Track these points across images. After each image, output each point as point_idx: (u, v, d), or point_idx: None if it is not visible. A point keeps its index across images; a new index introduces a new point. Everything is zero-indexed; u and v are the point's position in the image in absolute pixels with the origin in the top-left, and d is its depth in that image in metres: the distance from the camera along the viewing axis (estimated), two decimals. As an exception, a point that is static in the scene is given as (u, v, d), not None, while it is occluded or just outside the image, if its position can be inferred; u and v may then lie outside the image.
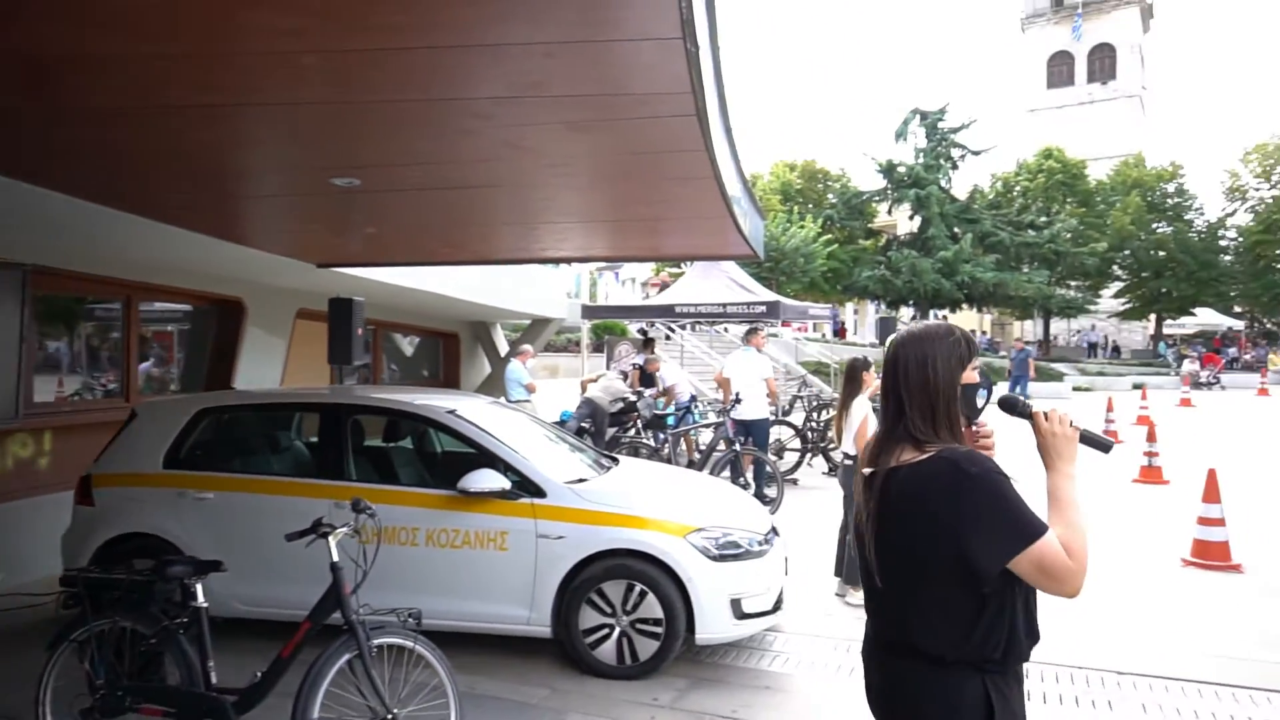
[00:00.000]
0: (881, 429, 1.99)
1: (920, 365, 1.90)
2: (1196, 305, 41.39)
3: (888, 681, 1.94)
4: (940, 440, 1.86)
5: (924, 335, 1.96)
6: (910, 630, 1.84)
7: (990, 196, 41.96)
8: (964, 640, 1.78)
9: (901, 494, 1.84)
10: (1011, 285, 33.82)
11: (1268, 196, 39.14)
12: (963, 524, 1.75)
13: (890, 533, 1.87)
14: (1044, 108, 55.78)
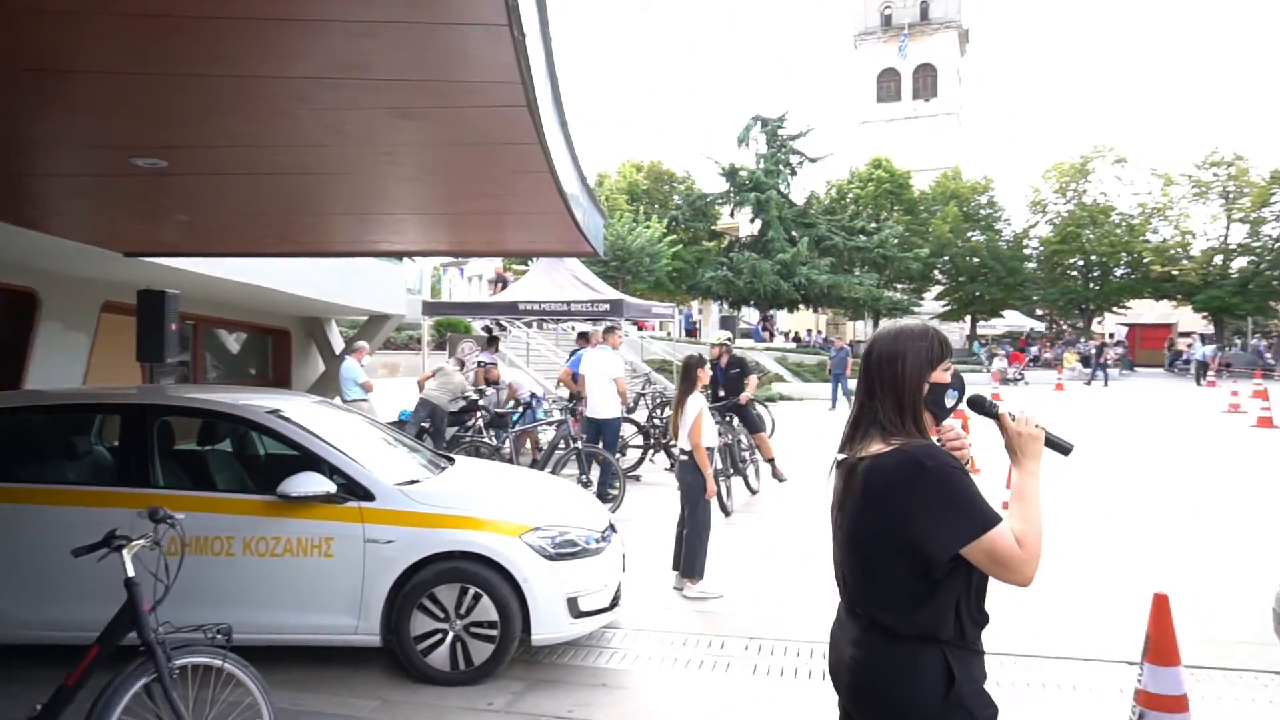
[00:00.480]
0: (851, 420, 2.08)
1: (891, 362, 1.99)
2: (1005, 308, 45.24)
3: (855, 654, 2.00)
4: (906, 434, 1.95)
5: (898, 334, 2.05)
6: (872, 606, 1.97)
7: (825, 202, 44.14)
8: (918, 618, 1.89)
9: (864, 483, 1.94)
10: (844, 287, 35.68)
11: (1064, 210, 43.20)
12: (915, 513, 1.85)
13: (852, 518, 1.98)
14: (874, 120, 59.25)
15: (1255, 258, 39.43)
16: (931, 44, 58.85)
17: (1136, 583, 6.09)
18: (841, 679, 2.06)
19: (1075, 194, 43.03)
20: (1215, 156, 39.80)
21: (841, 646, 2.08)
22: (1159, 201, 41.57)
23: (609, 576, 4.92)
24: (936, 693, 1.88)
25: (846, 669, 2.03)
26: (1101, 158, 42.23)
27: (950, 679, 1.87)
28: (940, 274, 44.40)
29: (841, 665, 2.06)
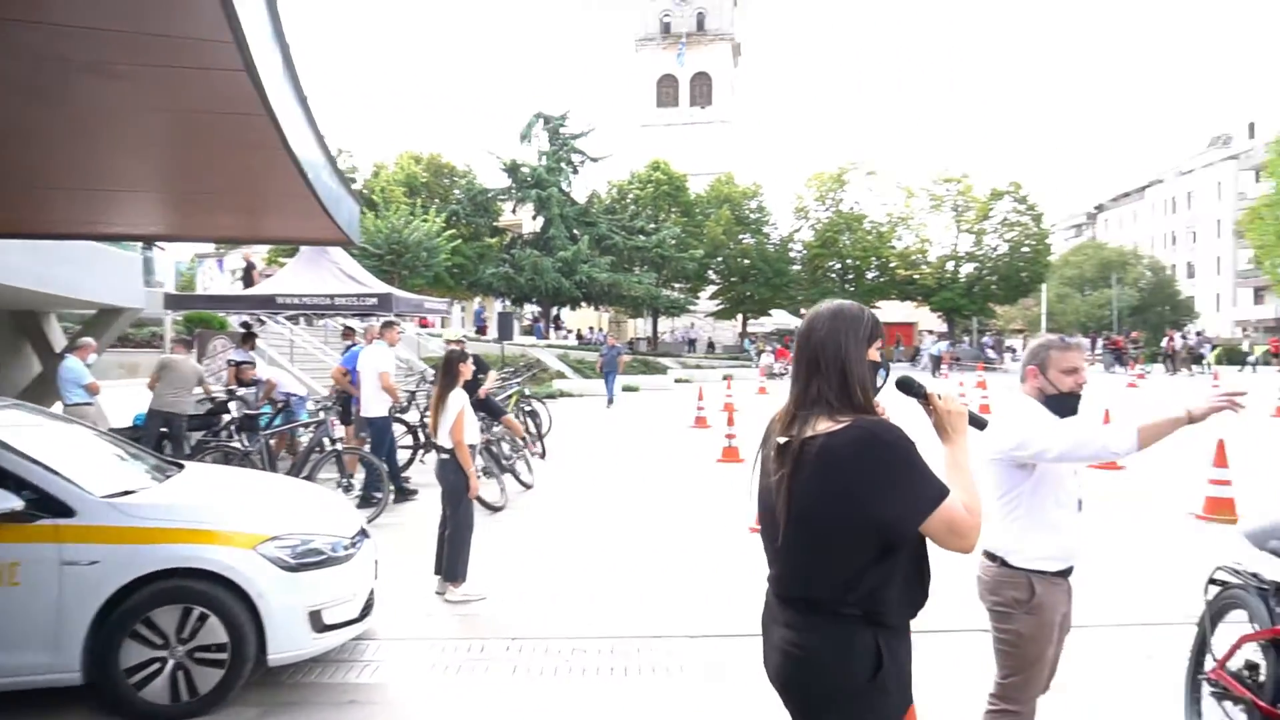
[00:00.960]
0: (792, 400, 2.07)
1: (835, 341, 2.01)
2: (773, 307, 48.17)
3: (789, 637, 2.01)
4: (854, 411, 1.96)
5: (838, 313, 2.06)
6: (812, 587, 1.97)
7: (607, 202, 44.88)
8: (861, 596, 1.92)
9: (817, 461, 1.92)
10: (624, 285, 36.43)
11: (823, 217, 46.68)
12: (878, 488, 1.88)
13: (802, 498, 1.95)
14: (654, 124, 60.95)
15: (979, 264, 44.72)
16: (707, 54, 61.45)
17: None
18: (772, 663, 2.08)
19: (833, 202, 46.63)
20: (947, 174, 44.71)
21: (772, 632, 2.09)
22: (903, 212, 46.04)
23: (359, 585, 4.61)
24: (864, 674, 1.92)
25: (778, 652, 2.04)
26: (855, 170, 46.09)
27: (878, 661, 1.91)
28: (714, 274, 46.51)
29: (773, 652, 2.07)
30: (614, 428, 16.96)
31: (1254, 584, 3.18)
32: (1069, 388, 3.00)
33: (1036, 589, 2.89)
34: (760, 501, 2.15)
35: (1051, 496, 2.92)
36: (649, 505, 9.21)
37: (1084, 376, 3.03)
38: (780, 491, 2.00)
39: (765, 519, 2.11)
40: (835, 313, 2.07)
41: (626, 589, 6.13)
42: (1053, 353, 3.02)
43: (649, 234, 40.56)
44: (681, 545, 7.42)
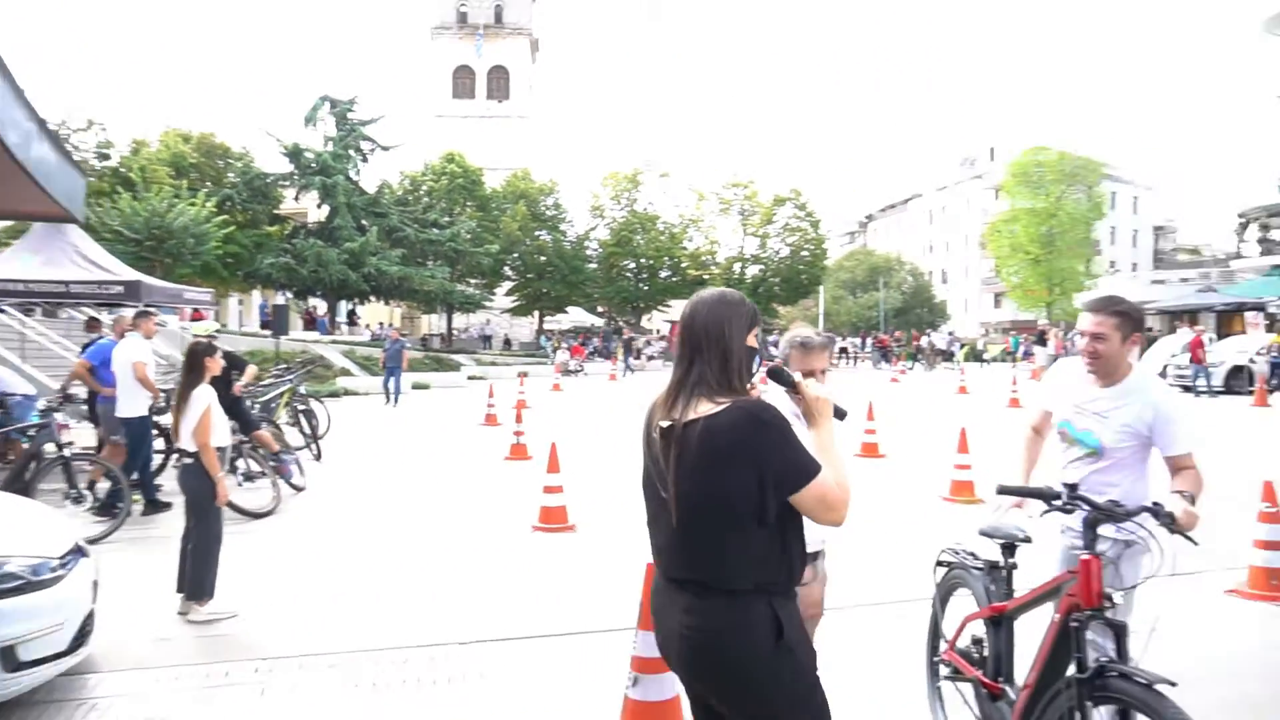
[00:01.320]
0: (674, 382, 2.11)
1: (718, 325, 2.09)
2: (570, 304, 48.44)
3: (689, 621, 2.04)
4: (733, 393, 2.05)
5: (722, 300, 2.15)
6: (708, 567, 2.03)
7: (399, 193, 43.22)
8: (756, 569, 2.01)
9: (702, 442, 1.99)
10: (416, 280, 35.20)
11: (619, 216, 47.48)
12: (761, 465, 1.97)
13: (691, 479, 2.01)
14: (450, 115, 59.52)
15: (764, 266, 47.26)
16: (505, 47, 60.79)
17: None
18: (674, 649, 2.10)
19: (628, 202, 47.53)
20: (735, 179, 46.87)
21: (668, 617, 2.12)
22: (694, 214, 47.73)
23: (70, 612, 4.02)
24: (767, 643, 2.00)
25: (679, 638, 2.07)
26: (649, 171, 47.29)
27: (779, 627, 2.00)
28: (510, 270, 46.05)
29: (673, 637, 2.10)
30: (399, 427, 16.27)
31: (972, 564, 3.40)
32: None
33: None
34: (645, 486, 2.20)
35: None
36: (432, 506, 8.84)
37: (824, 379, 3.14)
38: (668, 474, 2.05)
39: (652, 503, 2.18)
40: (719, 298, 2.15)
41: (405, 596, 5.80)
42: (794, 354, 3.09)
43: (443, 227, 39.43)
44: (465, 547, 7.15)
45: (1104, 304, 3.12)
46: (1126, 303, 3.12)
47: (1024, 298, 46.31)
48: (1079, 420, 3.16)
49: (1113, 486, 3.04)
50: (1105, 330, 3.04)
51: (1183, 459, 2.99)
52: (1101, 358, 3.05)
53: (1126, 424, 3.04)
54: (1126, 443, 3.05)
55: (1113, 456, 3.09)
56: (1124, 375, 3.09)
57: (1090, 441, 3.11)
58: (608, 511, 8.15)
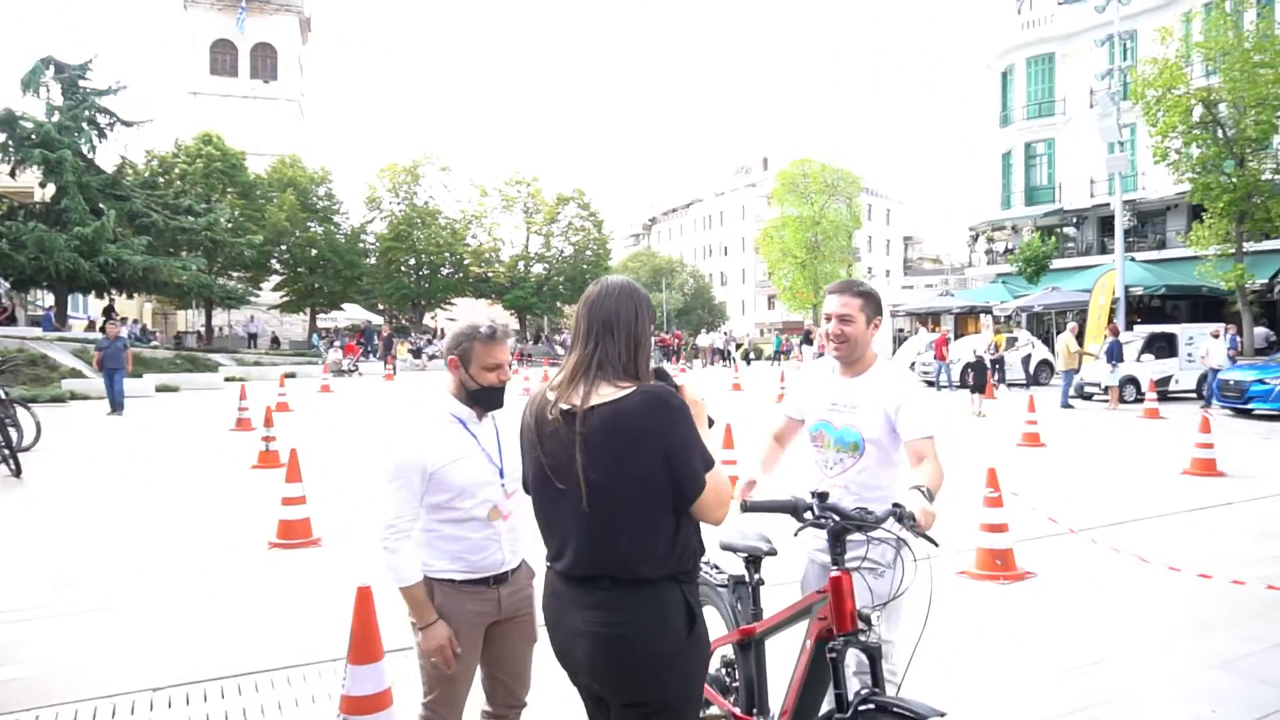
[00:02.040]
0: (572, 366, 2.04)
1: (629, 312, 2.05)
2: (346, 301, 45.80)
3: (595, 618, 1.98)
4: (636, 379, 2.00)
5: (632, 288, 2.13)
6: (620, 557, 1.97)
7: (146, 175, 38.90)
8: (668, 556, 1.98)
9: (611, 427, 1.94)
10: (164, 271, 31.72)
11: (397, 210, 45.53)
12: (675, 448, 1.94)
13: (599, 466, 1.95)
14: (208, 93, 54.54)
15: (548, 265, 47.08)
16: (271, 24, 56.49)
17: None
18: (579, 651, 2.03)
19: (407, 195, 45.68)
20: (518, 176, 46.35)
21: (570, 618, 2.04)
22: (477, 210, 46.70)
23: None
24: (681, 633, 1.98)
25: (586, 638, 2.00)
26: (430, 164, 45.66)
27: (691, 615, 2.00)
28: (278, 264, 42.85)
29: (576, 639, 2.02)
30: (131, 435, 14.42)
31: (716, 580, 3.12)
32: (490, 383, 2.78)
33: (437, 598, 2.69)
34: (534, 481, 2.13)
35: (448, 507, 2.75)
36: (153, 525, 7.74)
37: (507, 373, 2.84)
38: (576, 463, 1.97)
39: (546, 500, 2.10)
40: (629, 287, 2.12)
41: (95, 635, 4.90)
42: (477, 345, 2.77)
43: (198, 214, 35.84)
44: (185, 571, 6.26)
45: (847, 285, 3.07)
46: (868, 285, 3.07)
47: (793, 299, 49.29)
48: (836, 417, 3.01)
49: (877, 489, 2.92)
50: (851, 311, 2.95)
51: (922, 444, 2.86)
52: (850, 340, 2.95)
53: (879, 411, 2.92)
54: (881, 433, 2.93)
55: (875, 451, 2.94)
56: (870, 363, 3.02)
57: (852, 436, 2.96)
58: (363, 524, 7.49)
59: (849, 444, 2.97)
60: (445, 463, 2.67)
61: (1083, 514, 7.91)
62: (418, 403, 2.94)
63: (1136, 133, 30.63)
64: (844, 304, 2.96)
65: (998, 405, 19.47)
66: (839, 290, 3.03)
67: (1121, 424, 15.70)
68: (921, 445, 2.87)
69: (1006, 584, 5.92)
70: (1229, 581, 5.59)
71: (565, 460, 2.00)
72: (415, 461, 2.65)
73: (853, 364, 3.01)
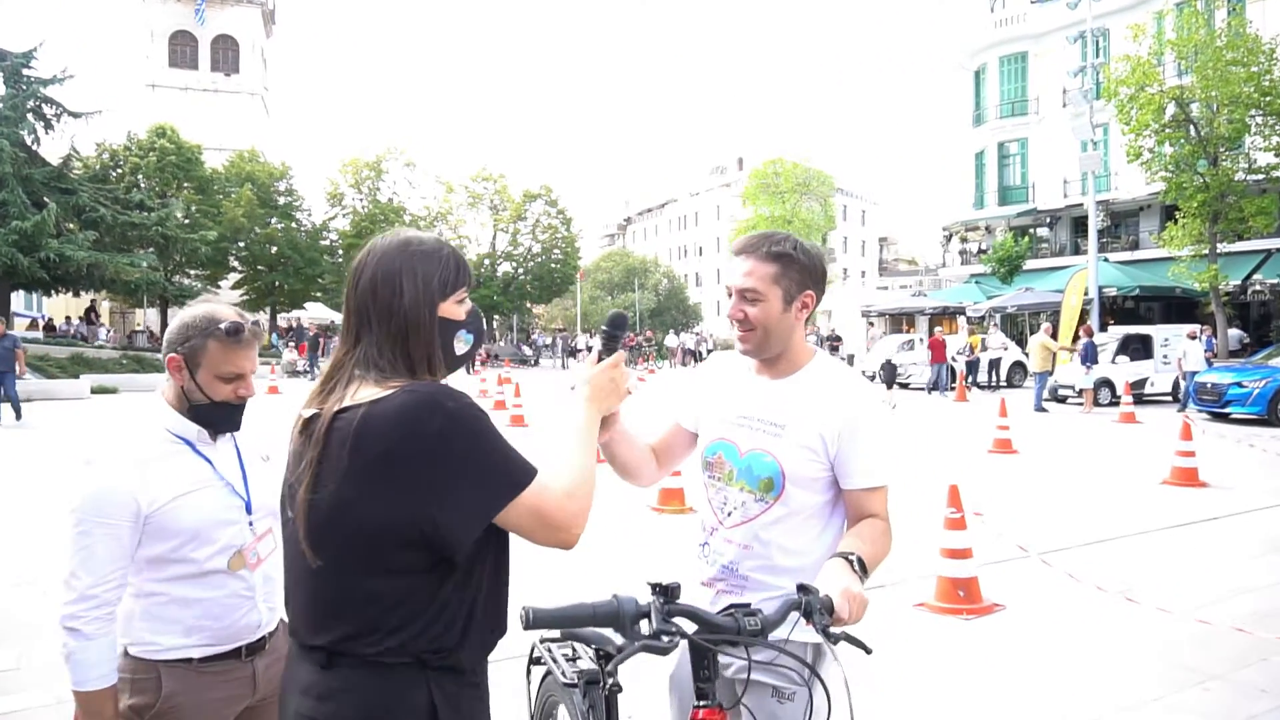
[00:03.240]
0: (331, 365, 1.52)
1: (393, 282, 1.46)
2: (306, 300, 44.55)
3: (308, 706, 1.42)
4: (412, 377, 1.45)
5: (405, 246, 1.50)
6: (342, 624, 1.40)
7: (96, 168, 37.51)
8: (413, 631, 1.39)
9: (352, 441, 1.37)
10: (110, 268, 30.44)
11: (360, 206, 44.35)
12: (436, 476, 1.35)
13: (330, 493, 1.39)
14: (167, 86, 53.01)
15: (515, 263, 46.09)
16: (233, 16, 55.02)
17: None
18: None
19: (370, 191, 44.52)
20: (485, 172, 45.32)
21: (288, 702, 1.48)
22: (442, 207, 45.62)
23: None
24: None
25: None
26: (394, 159, 44.53)
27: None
28: (237, 261, 41.56)
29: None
30: (24, 444, 13.35)
31: (567, 673, 2.04)
32: (224, 397, 1.99)
33: (167, 686, 1.93)
34: (283, 508, 1.54)
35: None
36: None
37: (250, 388, 2.05)
38: (303, 487, 1.41)
39: (288, 538, 1.50)
40: (401, 246, 1.49)
41: None
42: (213, 345, 1.95)
43: (151, 209, 34.53)
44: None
45: (756, 243, 1.96)
46: (790, 243, 1.95)
47: (765, 300, 48.64)
48: (747, 437, 1.98)
49: (792, 555, 1.93)
50: (757, 284, 1.91)
51: (870, 497, 1.91)
52: (757, 327, 1.92)
53: (814, 435, 1.91)
54: (814, 469, 1.92)
55: (798, 495, 1.92)
56: (802, 362, 1.99)
57: (766, 468, 1.93)
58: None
59: (759, 480, 1.95)
60: (168, 499, 1.90)
61: (1058, 531, 7.18)
62: (127, 419, 2.09)
63: (1109, 132, 30.26)
64: (747, 273, 1.93)
65: (969, 408, 18.82)
66: (743, 250, 1.98)
67: (1097, 428, 15.07)
68: (868, 498, 1.91)
69: (971, 619, 5.14)
70: (1230, 627, 4.84)
71: (295, 483, 1.47)
72: (121, 500, 1.86)
73: (773, 362, 2.00)
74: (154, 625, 1.94)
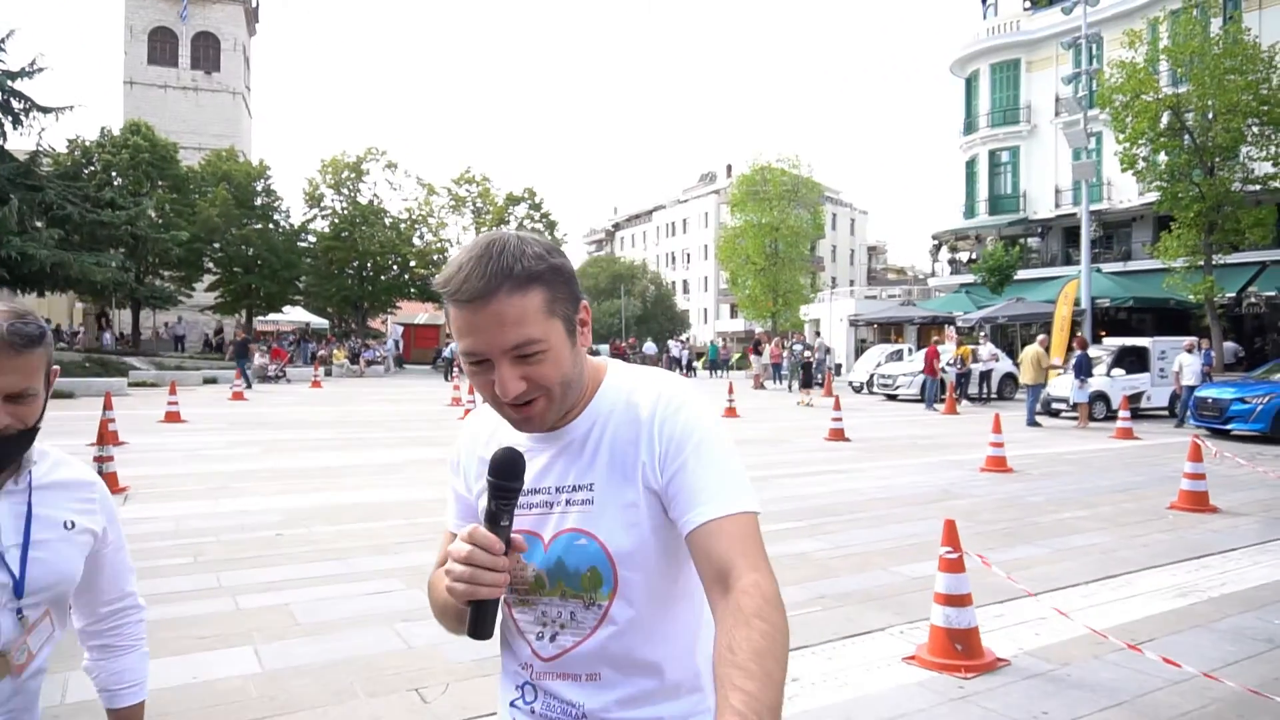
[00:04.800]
0: None
1: None
2: (285, 303, 43.57)
3: None
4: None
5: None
6: None
7: (67, 165, 36.49)
8: None
9: None
10: (75, 267, 29.44)
11: (340, 208, 43.42)
12: None
13: None
14: (145, 83, 52.05)
15: (500, 269, 45.24)
16: (215, 13, 54.17)
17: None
18: None
19: (351, 192, 43.61)
20: (468, 174, 44.47)
21: None
22: (423, 209, 44.72)
23: None
24: None
25: None
26: (375, 160, 43.62)
27: None
28: (212, 262, 40.56)
29: None
30: None
31: None
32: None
33: None
34: None
35: None
36: None
37: (35, 409, 1.46)
38: None
39: None
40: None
41: None
42: None
43: (121, 208, 33.54)
44: None
45: (493, 273, 1.18)
46: (526, 246, 1.22)
47: (752, 308, 47.97)
48: (544, 522, 1.30)
49: (648, 673, 1.28)
50: (534, 329, 1.19)
51: (719, 536, 1.16)
52: (546, 392, 1.23)
53: (631, 475, 1.26)
54: (648, 527, 1.25)
55: (637, 583, 1.26)
56: (591, 391, 1.33)
57: (581, 557, 1.27)
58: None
59: (578, 576, 1.28)
60: None
61: (1066, 567, 6.41)
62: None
63: (1103, 142, 29.73)
64: (515, 321, 1.18)
65: (959, 421, 18.11)
66: (482, 293, 1.17)
67: (1094, 446, 14.37)
68: (718, 538, 1.16)
69: (970, 677, 4.36)
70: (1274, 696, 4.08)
71: None
72: None
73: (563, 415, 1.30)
74: None
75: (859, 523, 8.00)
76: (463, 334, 1.20)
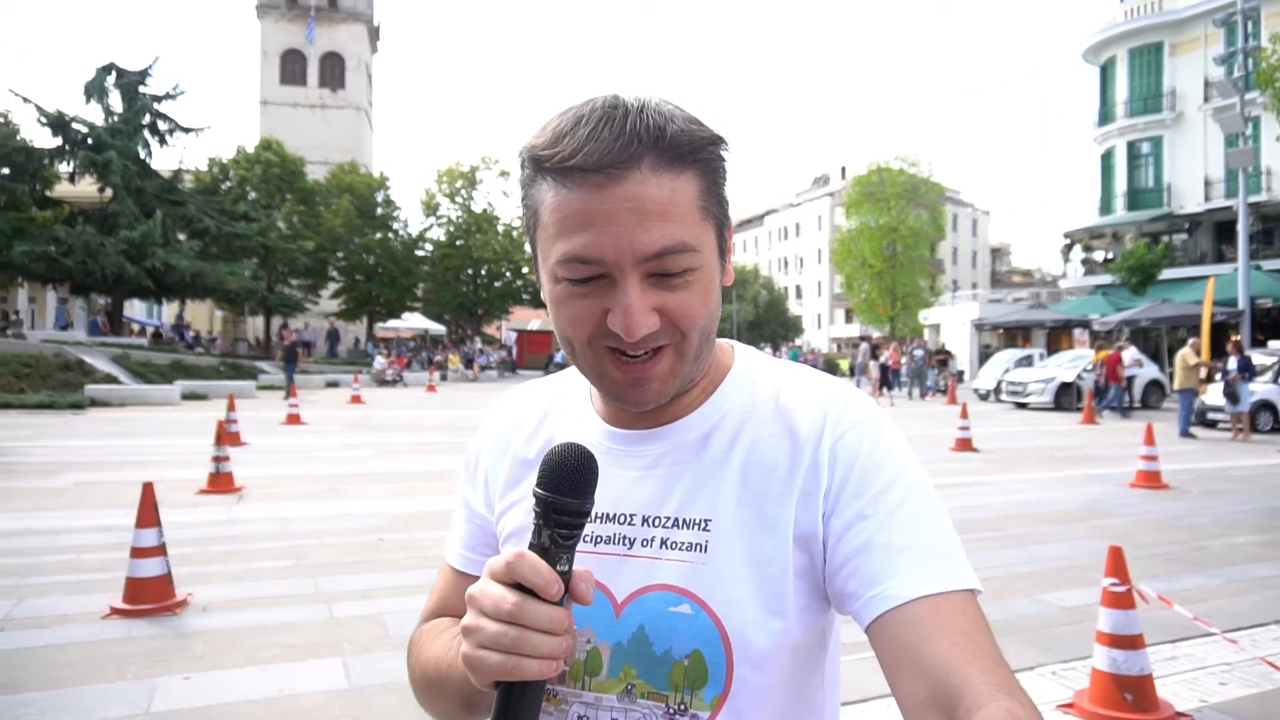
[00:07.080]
0: None
1: None
2: (404, 310, 44.92)
3: None
4: None
5: None
6: None
7: (206, 180, 38.75)
8: None
9: None
10: (212, 276, 31.12)
11: (455, 216, 44.45)
12: None
13: None
14: (278, 102, 54.89)
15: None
16: (340, 33, 56.59)
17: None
18: None
19: (465, 201, 44.58)
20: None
21: None
22: (538, 216, 45.24)
23: None
24: None
25: None
26: (489, 168, 44.44)
27: None
28: (336, 271, 42.26)
29: None
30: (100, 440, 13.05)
31: None
32: None
33: None
34: None
35: None
36: None
37: None
38: None
39: None
40: None
41: None
42: None
43: (253, 220, 35.34)
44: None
45: (630, 138, 0.75)
46: (671, 109, 0.79)
47: (869, 312, 46.45)
48: (619, 570, 0.84)
49: None
50: (684, 233, 0.76)
51: (935, 636, 0.70)
52: (681, 340, 0.80)
53: (776, 528, 0.80)
54: (793, 605, 0.79)
55: (760, 687, 0.79)
56: (719, 377, 0.89)
57: (685, 635, 0.79)
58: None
59: (667, 664, 0.80)
60: None
61: (1248, 602, 5.54)
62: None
63: (1261, 127, 27.17)
64: (639, 207, 0.74)
65: (1098, 431, 16.71)
66: (617, 160, 0.74)
67: (1263, 461, 12.89)
68: (944, 638, 0.70)
69: (1143, 734, 3.69)
70: None
71: None
72: None
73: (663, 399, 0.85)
74: None
75: (993, 542, 7.26)
76: (570, 229, 0.76)
